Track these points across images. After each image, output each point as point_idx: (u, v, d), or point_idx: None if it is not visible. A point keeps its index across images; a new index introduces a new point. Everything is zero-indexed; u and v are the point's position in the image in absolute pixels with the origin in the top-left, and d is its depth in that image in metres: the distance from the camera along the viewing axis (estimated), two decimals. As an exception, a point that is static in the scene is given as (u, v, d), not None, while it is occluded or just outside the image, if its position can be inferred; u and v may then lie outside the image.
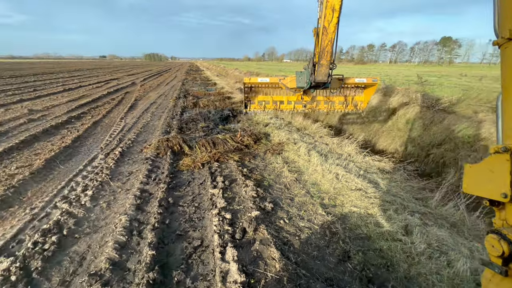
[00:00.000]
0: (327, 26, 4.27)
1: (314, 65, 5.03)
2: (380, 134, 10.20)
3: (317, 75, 4.97)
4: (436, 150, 7.81)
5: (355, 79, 5.89)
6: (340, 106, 6.38)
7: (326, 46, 4.51)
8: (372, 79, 5.87)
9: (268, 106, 6.46)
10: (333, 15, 4.11)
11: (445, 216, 3.63)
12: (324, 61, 4.74)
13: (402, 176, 4.92)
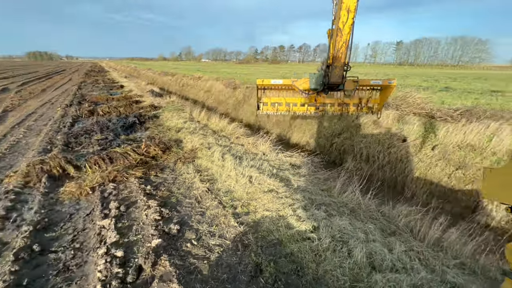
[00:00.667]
0: (341, 28, 4.15)
1: (328, 66, 4.88)
2: (293, 129, 10.94)
3: (331, 76, 4.81)
4: (337, 139, 8.85)
5: (370, 81, 5.71)
6: (354, 109, 6.22)
7: (341, 47, 4.40)
8: (388, 81, 5.62)
9: (281, 108, 6.28)
10: (348, 16, 4.01)
11: (346, 202, 3.93)
12: (338, 63, 4.61)
13: (310, 169, 5.21)
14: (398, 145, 7.26)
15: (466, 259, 2.79)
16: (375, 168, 7.44)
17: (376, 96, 5.97)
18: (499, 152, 5.66)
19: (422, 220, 3.39)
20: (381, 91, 5.89)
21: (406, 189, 6.65)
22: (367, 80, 5.67)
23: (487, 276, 2.59)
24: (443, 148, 6.49)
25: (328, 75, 4.84)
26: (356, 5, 3.95)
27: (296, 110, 6.19)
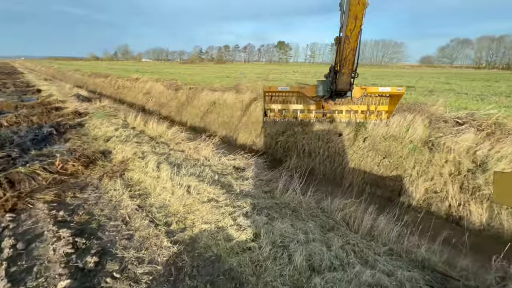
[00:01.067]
0: (349, 35, 4.11)
1: (335, 73, 4.81)
2: (239, 130, 10.81)
3: (338, 83, 4.76)
4: (281, 137, 9.04)
5: (378, 88, 5.66)
6: (363, 116, 6.11)
7: (348, 54, 4.35)
8: (397, 88, 5.60)
9: (288, 115, 6.21)
10: (355, 24, 3.98)
11: (288, 202, 3.91)
12: (346, 70, 4.55)
13: (254, 171, 5.09)
14: (335, 140, 7.75)
15: (393, 245, 3.00)
16: (317, 162, 7.81)
17: (384, 103, 5.98)
18: (414, 140, 6.48)
19: (356, 212, 3.55)
20: (389, 98, 5.92)
21: (344, 180, 7.13)
22: (376, 88, 5.75)
23: (410, 258, 2.81)
24: (372, 140, 7.15)
25: (336, 82, 4.83)
26: (363, 13, 3.97)
27: (303, 117, 6.12)
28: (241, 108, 11.62)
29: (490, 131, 5.79)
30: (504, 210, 5.01)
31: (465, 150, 5.78)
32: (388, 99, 5.79)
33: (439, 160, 5.94)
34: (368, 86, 5.63)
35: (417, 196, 5.90)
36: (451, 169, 5.75)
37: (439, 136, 6.25)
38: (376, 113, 5.89)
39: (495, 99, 10.62)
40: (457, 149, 5.87)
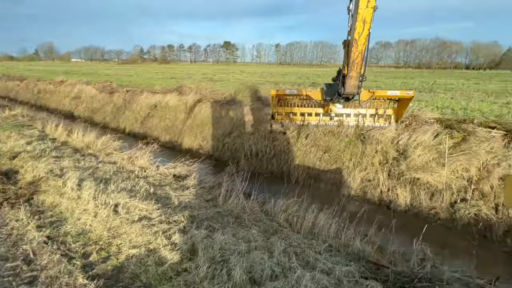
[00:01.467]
0: (357, 38, 4.06)
1: (343, 77, 4.72)
2: (184, 134, 10.21)
3: (346, 87, 4.67)
4: (228, 139, 8.83)
5: (387, 91, 5.53)
6: (371, 119, 6.04)
7: (356, 58, 4.29)
8: (406, 92, 5.41)
9: (295, 118, 6.11)
10: (364, 27, 3.92)
11: (231, 210, 3.71)
12: (354, 73, 4.49)
13: (196, 179, 4.77)
14: (280, 138, 7.89)
15: (332, 240, 3.07)
16: (264, 162, 7.84)
17: (393, 106, 5.92)
18: (349, 135, 6.99)
19: (298, 212, 3.56)
20: (399, 101, 5.85)
21: (291, 177, 7.30)
22: (384, 91, 5.64)
23: (348, 251, 2.90)
24: (313, 136, 7.48)
25: (343, 85, 4.75)
26: (372, 17, 3.94)
27: (311, 120, 6.08)
28: (185, 110, 11.01)
29: (408, 122, 6.61)
30: (422, 191, 5.78)
31: (390, 140, 6.47)
32: (397, 103, 5.80)
33: (371, 151, 6.53)
34: (376, 90, 5.68)
35: (355, 186, 6.37)
36: (380, 158, 6.36)
37: (369, 129, 6.88)
38: (384, 117, 5.90)
39: (444, 95, 12.37)
40: (384, 140, 6.54)
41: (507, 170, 5.12)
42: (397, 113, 5.76)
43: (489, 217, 4.98)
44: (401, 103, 5.66)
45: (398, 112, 5.74)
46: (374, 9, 3.78)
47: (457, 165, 5.51)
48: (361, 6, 3.77)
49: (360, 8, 3.78)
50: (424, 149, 5.93)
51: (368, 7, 3.75)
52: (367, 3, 3.71)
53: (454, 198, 5.42)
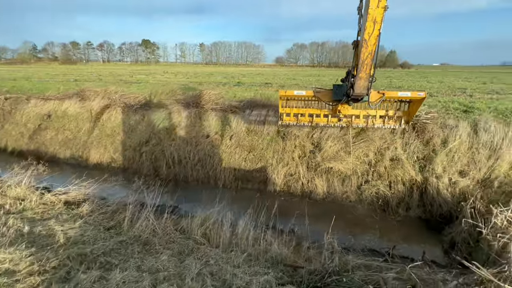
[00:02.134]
0: (367, 39, 3.99)
1: (352, 77, 4.60)
2: (90, 146, 8.63)
3: (355, 88, 4.54)
4: (146, 147, 7.90)
5: (398, 93, 5.33)
6: (381, 121, 5.77)
7: (366, 58, 4.19)
8: (417, 93, 5.16)
9: (303, 119, 5.94)
10: (374, 27, 3.88)
11: (139, 235, 3.16)
12: (363, 74, 4.37)
13: (95, 203, 3.93)
14: (204, 142, 7.50)
15: (251, 249, 2.92)
16: (189, 169, 7.32)
17: (404, 108, 5.69)
18: (271, 132, 7.17)
19: (216, 223, 3.29)
20: (409, 103, 5.66)
21: (218, 181, 7.03)
22: (395, 92, 5.44)
23: (266, 258, 2.80)
24: (237, 136, 7.38)
25: (353, 86, 4.59)
26: (382, 17, 3.81)
27: (319, 121, 5.96)
28: (90, 119, 9.32)
29: (320, 117, 7.23)
30: (336, 178, 6.41)
31: (306, 135, 6.94)
32: (408, 104, 5.67)
33: (290, 146, 6.85)
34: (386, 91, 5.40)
35: (279, 182, 6.57)
36: (299, 152, 6.74)
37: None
38: (394, 119, 5.77)
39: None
40: (301, 135, 6.96)
41: (394, 152, 6.14)
42: (408, 114, 5.67)
43: (386, 193, 5.87)
44: (412, 104, 5.56)
45: (409, 113, 5.66)
46: (385, 9, 3.73)
47: (360, 152, 6.30)
48: (372, 6, 3.73)
49: (370, 8, 3.74)
50: (334, 140, 6.56)
51: (379, 7, 3.70)
52: (378, 3, 3.66)
53: (360, 181, 6.18)
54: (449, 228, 4.92)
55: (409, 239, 5.09)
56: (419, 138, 6.11)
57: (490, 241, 3.78)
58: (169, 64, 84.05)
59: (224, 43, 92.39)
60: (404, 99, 5.53)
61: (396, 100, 5.66)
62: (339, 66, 76.11)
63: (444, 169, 5.61)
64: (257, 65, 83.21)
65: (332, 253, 2.58)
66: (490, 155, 5.48)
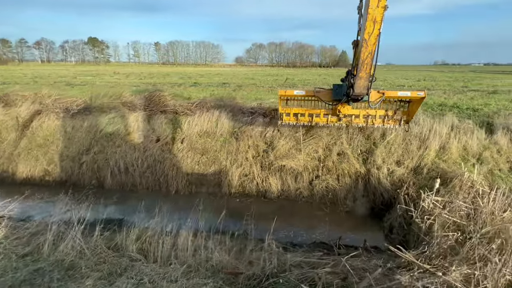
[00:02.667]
0: (367, 39, 3.98)
1: (352, 77, 4.58)
2: (17, 159, 7.49)
3: (355, 88, 4.48)
4: (87, 156, 7.13)
5: (398, 92, 5.37)
6: (380, 121, 5.78)
7: (366, 58, 4.16)
8: (417, 93, 5.21)
9: (303, 119, 5.88)
10: (374, 27, 3.87)
11: (61, 259, 2.76)
12: (363, 74, 4.32)
13: (9, 227, 3.36)
14: (153, 147, 7.05)
15: (192, 259, 2.77)
16: (137, 176, 6.80)
17: (404, 108, 5.65)
18: (224, 133, 7.04)
19: (154, 236, 3.04)
20: (409, 103, 5.60)
21: (170, 188, 6.67)
22: (394, 92, 5.41)
23: (207, 267, 2.67)
24: (189, 139, 7.08)
25: (353, 86, 4.56)
26: (382, 16, 3.80)
27: (319, 121, 5.93)
28: (16, 127, 8.08)
29: (271, 116, 7.31)
30: (289, 175, 6.55)
31: (259, 134, 6.96)
32: (408, 104, 5.65)
33: (244, 147, 6.80)
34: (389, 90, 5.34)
35: (234, 183, 6.47)
36: (253, 152, 6.73)
37: (240, 126, 7.16)
38: (394, 119, 5.72)
39: (279, 89, 14.13)
40: (254, 134, 6.96)
41: (341, 147, 6.49)
42: (408, 114, 5.68)
43: (334, 186, 6.18)
44: (412, 104, 5.57)
45: (409, 113, 5.66)
46: (385, 8, 3.71)
47: (310, 148, 6.53)
48: (372, 6, 3.71)
49: (370, 8, 3.72)
50: (286, 139, 6.69)
51: (379, 6, 3.69)
52: (378, 2, 3.64)
53: (311, 176, 6.40)
54: (389, 214, 5.36)
55: (356, 228, 5.42)
56: (361, 133, 6.55)
57: (419, 224, 4.18)
58: (121, 64, 78.21)
59: (182, 43, 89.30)
60: (404, 99, 5.55)
61: (396, 100, 5.66)
62: (296, 66, 79.12)
63: (383, 160, 6.09)
64: (217, 65, 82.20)
65: (270, 255, 2.56)
66: (420, 145, 6.11)
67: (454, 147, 5.94)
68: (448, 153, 5.92)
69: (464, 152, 5.97)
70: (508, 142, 5.96)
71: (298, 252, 2.96)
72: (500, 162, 5.78)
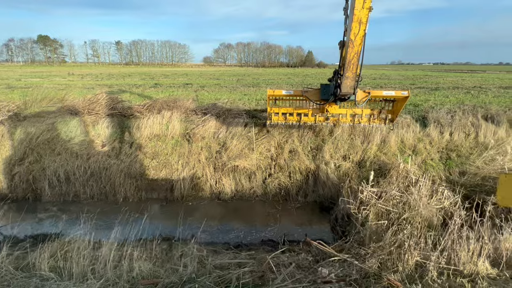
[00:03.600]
0: (353, 39, 4.09)
1: (339, 77, 4.69)
2: None
3: (342, 87, 4.60)
4: (19, 167, 6.43)
5: (383, 92, 5.48)
6: (367, 120, 5.90)
7: (352, 58, 4.30)
8: (401, 92, 5.40)
9: (291, 118, 6.00)
10: (359, 28, 3.98)
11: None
12: (350, 74, 4.45)
13: None
14: (98, 153, 6.58)
15: (111, 272, 2.58)
16: (80, 186, 6.30)
17: (389, 107, 5.85)
18: (175, 136, 6.81)
19: (71, 251, 2.80)
20: (394, 102, 5.80)
21: (118, 195, 6.28)
22: (380, 91, 5.57)
23: (127, 279, 2.51)
24: (138, 143, 6.73)
25: (340, 85, 4.65)
26: (367, 17, 3.92)
27: (307, 120, 6.05)
28: None
29: (224, 117, 7.25)
30: (242, 175, 6.54)
31: (212, 135, 6.85)
32: (393, 103, 5.76)
33: (196, 148, 6.64)
34: (373, 90, 5.63)
35: (186, 186, 6.29)
36: (206, 154, 6.61)
37: (192, 127, 6.98)
38: (379, 118, 5.89)
39: (242, 89, 14.11)
40: (207, 135, 6.84)
41: (292, 145, 6.64)
42: (393, 113, 5.83)
43: (286, 183, 6.30)
44: (396, 103, 5.74)
45: (393, 112, 5.82)
46: (370, 9, 3.82)
47: (262, 147, 6.58)
48: (357, 7, 3.79)
49: (356, 9, 3.81)
50: (239, 139, 6.67)
51: (364, 8, 3.78)
52: (363, 4, 3.73)
53: (264, 175, 6.45)
54: (335, 207, 5.59)
55: (305, 224, 5.57)
56: (311, 130, 6.77)
57: (357, 214, 4.41)
58: (78, 65, 72.50)
59: (146, 42, 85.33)
60: (389, 98, 5.72)
61: (381, 99, 5.84)
62: (265, 66, 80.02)
63: (331, 156, 6.35)
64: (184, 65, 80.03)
65: (192, 260, 2.49)
66: (363, 140, 6.47)
67: (393, 140, 6.39)
68: (388, 146, 6.35)
69: (402, 145, 6.45)
70: (438, 134, 6.57)
71: (226, 253, 2.93)
72: (431, 152, 6.34)
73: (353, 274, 2.46)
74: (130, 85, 17.94)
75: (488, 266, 2.68)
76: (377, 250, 2.83)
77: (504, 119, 6.84)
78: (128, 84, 18.58)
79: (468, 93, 12.07)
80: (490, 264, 2.70)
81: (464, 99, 10.12)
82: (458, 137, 6.51)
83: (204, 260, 2.55)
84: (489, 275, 2.63)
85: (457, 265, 2.71)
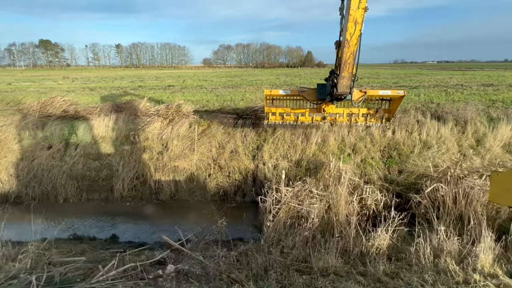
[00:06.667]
0: (349, 39, 4.12)
1: (335, 77, 4.68)
2: None
3: (338, 87, 4.62)
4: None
5: (379, 91, 5.57)
6: (363, 119, 5.93)
7: (348, 58, 4.31)
8: (397, 91, 5.45)
9: (288, 118, 5.98)
10: (355, 28, 4.01)
11: None
12: (346, 73, 4.48)
13: None
14: (42, 155, 6.68)
15: None
16: (21, 187, 6.40)
17: (385, 106, 5.86)
18: (119, 137, 6.87)
19: None
20: (390, 101, 5.80)
21: (59, 196, 6.35)
22: (376, 91, 5.62)
23: None
24: (83, 145, 6.82)
25: (336, 85, 4.67)
26: (363, 17, 3.94)
27: (304, 120, 6.04)
28: None
29: (171, 117, 7.28)
30: (182, 176, 6.55)
31: (156, 136, 6.89)
32: (389, 102, 5.81)
33: (139, 149, 6.69)
34: (371, 89, 5.58)
35: (126, 187, 6.33)
36: (148, 154, 6.65)
37: (138, 128, 7.04)
38: (376, 117, 5.90)
39: (220, 90, 14.10)
40: (151, 136, 6.88)
41: (234, 145, 6.63)
42: (389, 112, 5.86)
43: (224, 183, 6.30)
44: (393, 102, 5.76)
45: (390, 111, 5.85)
46: (365, 10, 3.85)
47: (203, 148, 6.59)
48: (353, 7, 3.82)
49: (351, 9, 3.84)
50: (181, 139, 6.70)
51: (359, 8, 3.82)
52: (359, 4, 3.77)
53: (204, 175, 6.46)
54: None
55: (237, 222, 5.55)
56: (254, 130, 6.76)
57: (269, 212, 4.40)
58: (79, 68, 73.63)
59: (146, 45, 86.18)
60: (385, 97, 5.74)
61: (377, 99, 5.83)
62: (265, 66, 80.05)
63: (270, 156, 6.32)
64: (184, 67, 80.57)
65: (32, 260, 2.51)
66: (303, 139, 6.43)
67: (332, 139, 6.34)
68: (327, 145, 6.30)
69: (342, 144, 6.39)
70: (380, 133, 6.48)
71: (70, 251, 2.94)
72: (372, 151, 6.26)
73: (198, 270, 2.46)
74: (113, 87, 18.16)
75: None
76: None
77: (450, 117, 6.72)
78: (112, 87, 18.79)
79: (444, 91, 11.89)
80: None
81: (435, 97, 9.95)
82: (400, 135, 6.42)
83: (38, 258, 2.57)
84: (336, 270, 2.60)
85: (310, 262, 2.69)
